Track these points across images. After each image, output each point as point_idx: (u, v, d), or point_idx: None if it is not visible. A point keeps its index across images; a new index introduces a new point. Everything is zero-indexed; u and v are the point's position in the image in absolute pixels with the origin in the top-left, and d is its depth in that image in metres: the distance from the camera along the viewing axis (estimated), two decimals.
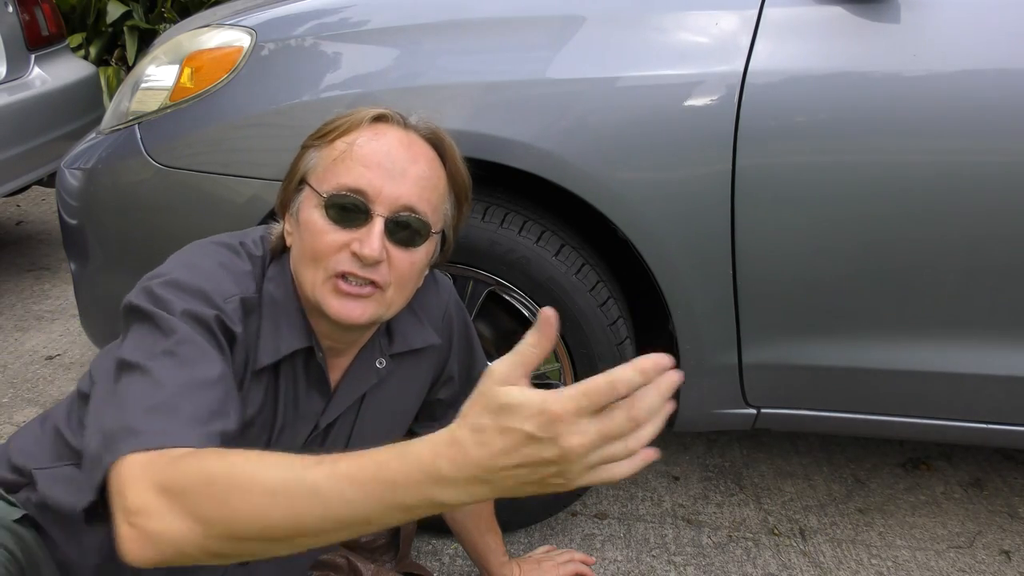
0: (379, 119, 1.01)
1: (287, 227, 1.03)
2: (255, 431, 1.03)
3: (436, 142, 1.03)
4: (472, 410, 0.67)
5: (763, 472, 1.99)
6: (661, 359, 0.63)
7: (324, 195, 0.96)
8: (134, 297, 0.93)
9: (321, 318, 1.00)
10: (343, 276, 0.95)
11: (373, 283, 0.96)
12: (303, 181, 1.00)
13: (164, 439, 0.78)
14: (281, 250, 1.04)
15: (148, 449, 0.77)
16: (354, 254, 0.95)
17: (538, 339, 0.65)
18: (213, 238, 1.05)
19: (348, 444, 1.14)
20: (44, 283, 2.99)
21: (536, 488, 0.65)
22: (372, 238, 0.94)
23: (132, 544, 0.73)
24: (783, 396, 1.56)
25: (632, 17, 1.40)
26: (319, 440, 1.10)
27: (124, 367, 0.87)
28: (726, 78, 1.34)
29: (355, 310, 0.96)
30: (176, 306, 0.90)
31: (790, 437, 2.14)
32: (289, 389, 1.04)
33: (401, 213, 0.96)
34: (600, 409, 0.62)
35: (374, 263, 0.95)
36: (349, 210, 0.95)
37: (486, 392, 0.65)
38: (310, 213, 0.97)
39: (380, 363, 1.12)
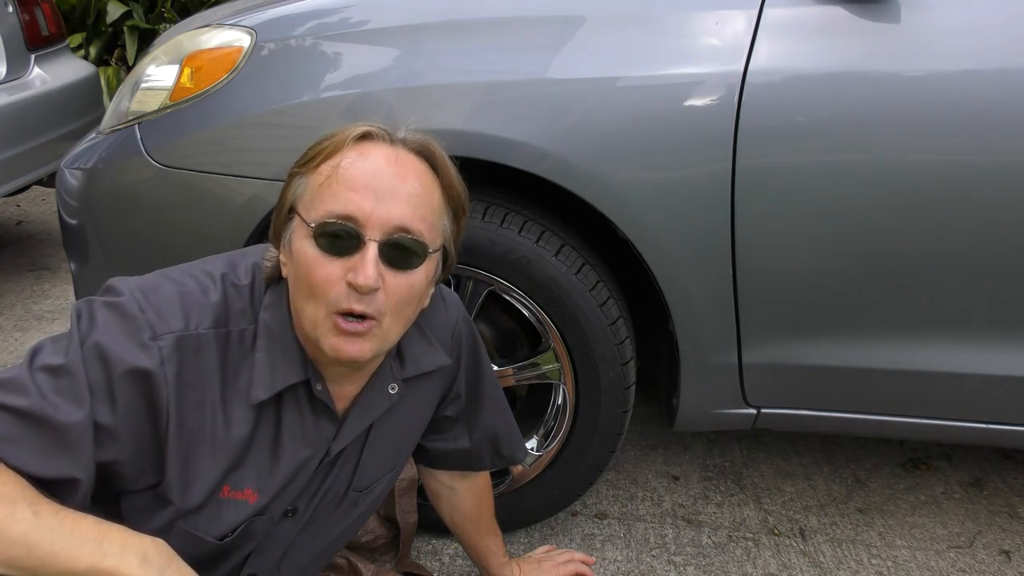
0: (364, 138, 0.96)
1: (282, 257, 0.99)
2: (258, 459, 1.01)
3: (427, 155, 0.98)
4: None
5: (763, 472, 1.99)
6: None
7: (312, 225, 0.92)
8: (82, 302, 0.94)
9: (322, 352, 0.96)
10: (344, 314, 0.92)
11: (366, 316, 0.92)
12: (292, 210, 0.96)
13: None
14: (277, 279, 1.00)
15: None
16: (350, 284, 0.90)
17: None
18: (198, 263, 1.03)
19: (358, 467, 1.13)
20: (44, 283, 2.99)
21: None
22: (366, 265, 0.90)
23: None
24: (783, 396, 1.56)
25: (632, 17, 1.40)
26: (328, 465, 1.09)
27: (31, 351, 0.92)
28: (726, 78, 1.34)
29: (352, 348, 0.92)
30: (94, 335, 0.90)
31: (790, 437, 2.14)
32: (294, 419, 1.01)
33: (395, 235, 0.92)
34: None
35: (370, 291, 0.91)
36: (340, 238, 0.91)
37: None
38: (301, 244, 0.93)
39: (392, 389, 1.09)
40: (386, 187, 0.92)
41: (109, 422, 0.89)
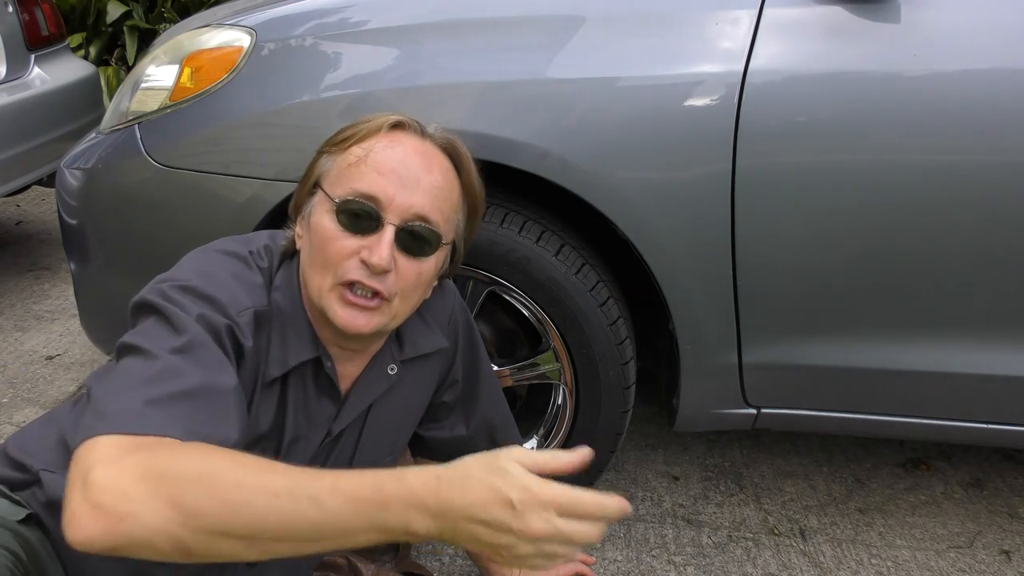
0: (396, 127, 1.00)
1: (298, 230, 1.02)
2: (267, 438, 1.02)
3: (452, 152, 1.03)
4: (472, 460, 0.76)
5: (763, 472, 1.99)
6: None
7: (336, 200, 0.95)
8: (147, 293, 0.92)
9: (327, 325, 0.99)
10: (350, 285, 0.94)
11: (378, 294, 0.95)
12: (316, 185, 1.00)
13: (150, 428, 0.77)
14: (291, 254, 1.03)
15: (129, 433, 0.76)
16: (363, 262, 0.94)
17: (567, 461, 0.74)
18: (218, 245, 1.03)
19: (357, 448, 1.14)
20: (44, 283, 2.99)
21: (485, 549, 0.74)
22: (382, 246, 0.93)
23: (88, 522, 0.70)
24: (783, 396, 1.56)
25: (631, 17, 1.40)
26: (330, 446, 1.10)
27: (128, 351, 0.86)
28: (726, 78, 1.34)
29: (359, 319, 0.95)
30: (191, 309, 0.89)
31: (790, 437, 2.14)
32: (299, 398, 1.04)
33: (412, 222, 0.96)
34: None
35: (382, 272, 0.94)
36: (360, 216, 0.94)
37: (495, 455, 0.75)
38: (321, 217, 0.97)
39: (392, 369, 1.11)
40: (411, 176, 0.96)
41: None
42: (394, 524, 0.73)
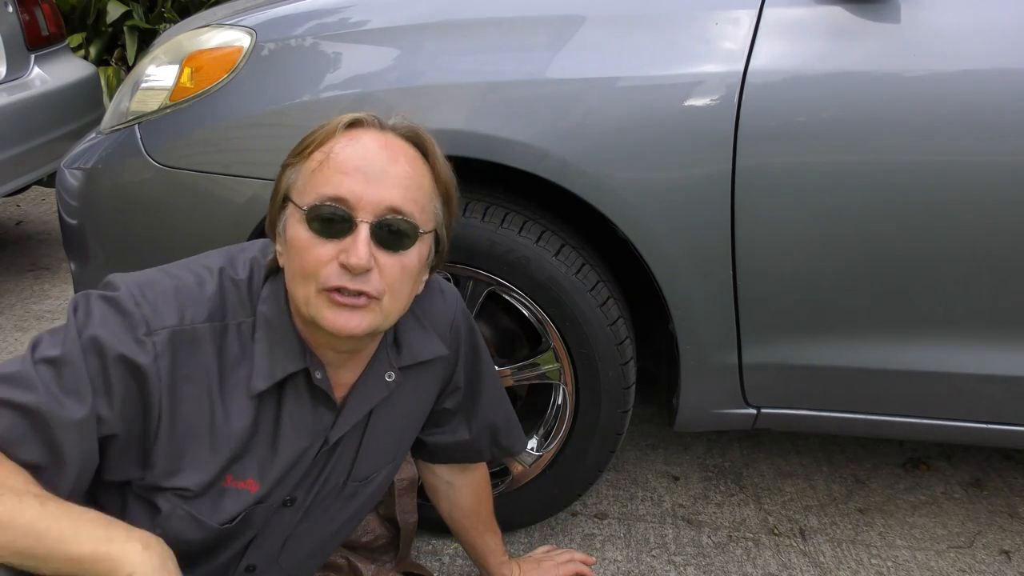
0: (354, 124, 0.98)
1: (278, 247, 1.01)
2: (260, 450, 1.02)
3: (416, 140, 1.00)
4: None
5: (763, 472, 1.99)
6: None
7: (305, 208, 0.94)
8: (80, 295, 0.95)
9: (320, 330, 0.97)
10: (336, 290, 0.93)
11: (365, 294, 0.94)
12: (286, 199, 0.98)
13: None
14: (276, 270, 1.02)
15: None
16: (342, 265, 0.92)
17: None
18: (203, 256, 1.04)
19: (357, 456, 1.13)
20: (44, 283, 2.99)
21: None
22: (358, 246, 0.91)
23: None
24: (783, 396, 1.56)
25: (631, 17, 1.40)
26: (327, 454, 1.09)
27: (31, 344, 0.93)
28: (726, 78, 1.34)
29: (351, 320, 0.94)
30: (91, 328, 0.91)
31: (790, 437, 2.15)
32: (294, 409, 1.03)
33: (386, 216, 0.93)
34: None
35: (363, 272, 0.92)
36: (332, 220, 0.93)
37: None
38: (295, 229, 0.95)
39: (389, 376, 1.10)
40: (377, 170, 0.94)
41: (107, 414, 0.91)
42: (114, 541, 0.85)
